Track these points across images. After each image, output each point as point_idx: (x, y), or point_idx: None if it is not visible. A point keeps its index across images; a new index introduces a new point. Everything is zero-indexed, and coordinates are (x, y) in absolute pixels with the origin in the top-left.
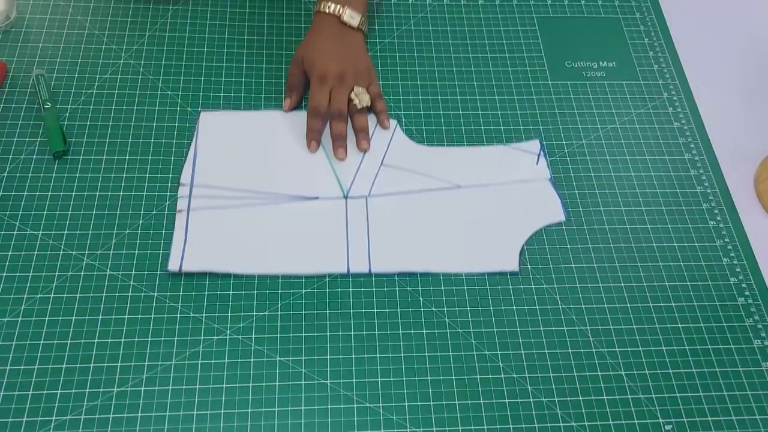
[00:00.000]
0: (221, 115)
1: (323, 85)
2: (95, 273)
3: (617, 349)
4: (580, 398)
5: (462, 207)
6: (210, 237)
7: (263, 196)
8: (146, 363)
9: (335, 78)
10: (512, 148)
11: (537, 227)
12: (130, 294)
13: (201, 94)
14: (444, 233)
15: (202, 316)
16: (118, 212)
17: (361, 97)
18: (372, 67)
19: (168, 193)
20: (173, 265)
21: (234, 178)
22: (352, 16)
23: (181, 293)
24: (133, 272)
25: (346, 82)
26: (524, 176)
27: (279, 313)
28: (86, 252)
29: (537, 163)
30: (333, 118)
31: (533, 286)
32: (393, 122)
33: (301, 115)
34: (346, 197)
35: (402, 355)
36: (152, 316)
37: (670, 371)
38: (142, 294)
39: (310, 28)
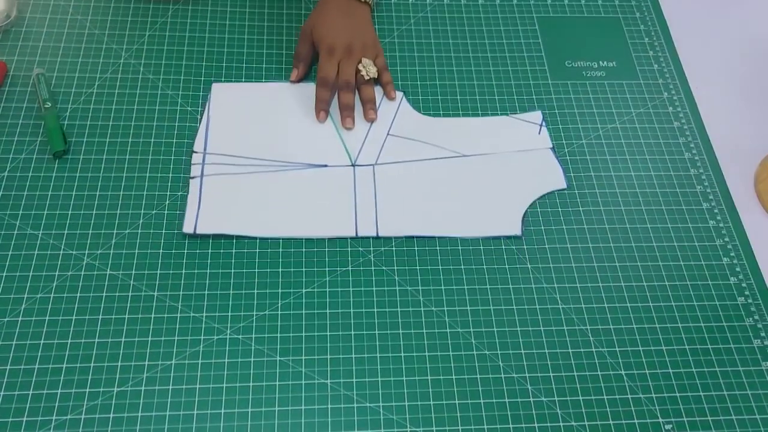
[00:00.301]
0: (232, 86)
1: (332, 57)
2: (95, 273)
3: (617, 349)
4: (580, 398)
5: (466, 174)
6: (223, 201)
7: (274, 163)
8: (146, 363)
9: (343, 50)
10: (515, 119)
11: (539, 194)
12: (130, 294)
13: (201, 94)
14: (449, 199)
15: (202, 316)
16: (118, 212)
17: (369, 69)
18: (378, 40)
19: (168, 193)
20: (188, 228)
21: (245, 147)
22: None
23: (181, 293)
24: (133, 272)
25: (354, 54)
26: (527, 145)
27: (279, 312)
28: (86, 252)
29: (539, 132)
30: (341, 89)
31: (533, 286)
32: (399, 94)
33: (310, 87)
34: (353, 165)
35: (402, 354)
36: (152, 316)
37: (670, 371)
38: (142, 294)
39: (319, 1)
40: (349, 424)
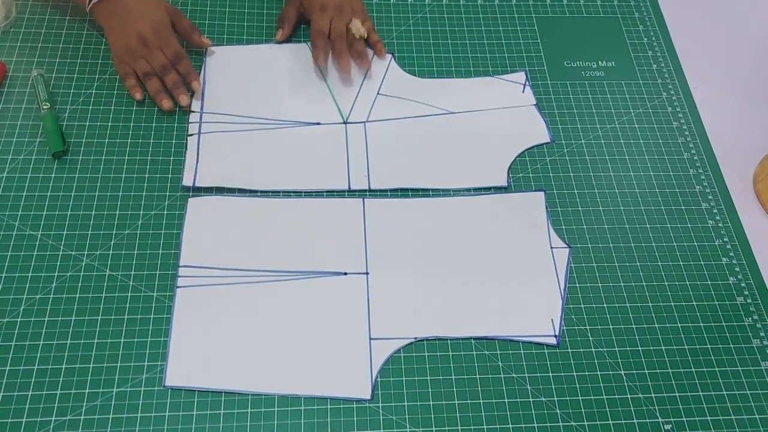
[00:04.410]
0: (228, 49)
1: (324, 14)
2: (95, 273)
3: (617, 349)
4: (580, 398)
5: (454, 130)
6: (220, 157)
7: (269, 121)
8: (146, 363)
9: (335, 8)
10: (500, 79)
11: (524, 148)
12: (129, 294)
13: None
14: (437, 153)
15: None
16: (117, 212)
17: (358, 27)
18: (364, 6)
19: (167, 193)
20: (187, 181)
21: (241, 106)
22: None
23: None
24: (132, 272)
25: (345, 13)
26: (512, 102)
27: None
28: (86, 252)
29: (523, 91)
30: (335, 40)
31: None
32: (387, 56)
33: (303, 48)
34: (345, 123)
35: (402, 355)
36: (152, 316)
37: (670, 371)
38: (142, 294)
39: None
40: (349, 424)
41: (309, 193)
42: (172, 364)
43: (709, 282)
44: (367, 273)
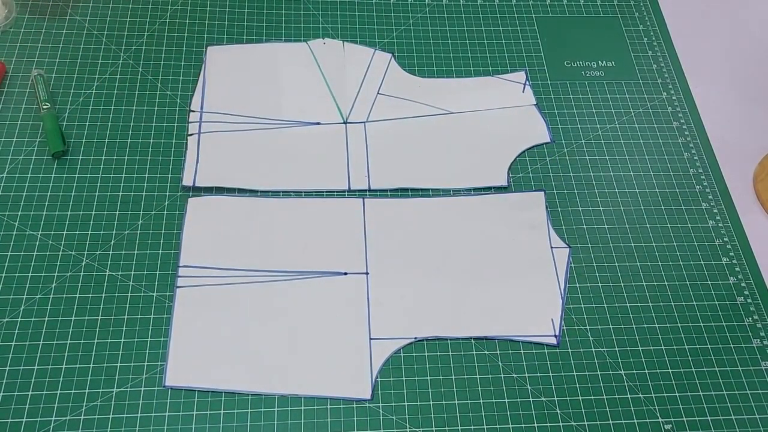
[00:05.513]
0: (227, 48)
1: None
2: (95, 273)
3: (617, 349)
4: (580, 398)
5: (454, 130)
6: (220, 157)
7: (269, 121)
8: (146, 363)
9: None
10: (500, 79)
11: (524, 147)
12: (129, 294)
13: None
14: (437, 153)
15: None
16: (117, 212)
17: None
18: None
19: (167, 193)
20: (187, 181)
21: (241, 106)
22: None
23: None
24: (132, 272)
25: None
26: (512, 102)
27: None
28: (86, 252)
29: (523, 91)
30: None
31: None
32: (387, 55)
33: (302, 48)
34: (345, 122)
35: (402, 355)
36: (152, 316)
37: (670, 371)
38: (142, 294)
39: None
40: (349, 424)
41: (309, 193)
42: (172, 364)
43: (709, 282)
44: (367, 273)
